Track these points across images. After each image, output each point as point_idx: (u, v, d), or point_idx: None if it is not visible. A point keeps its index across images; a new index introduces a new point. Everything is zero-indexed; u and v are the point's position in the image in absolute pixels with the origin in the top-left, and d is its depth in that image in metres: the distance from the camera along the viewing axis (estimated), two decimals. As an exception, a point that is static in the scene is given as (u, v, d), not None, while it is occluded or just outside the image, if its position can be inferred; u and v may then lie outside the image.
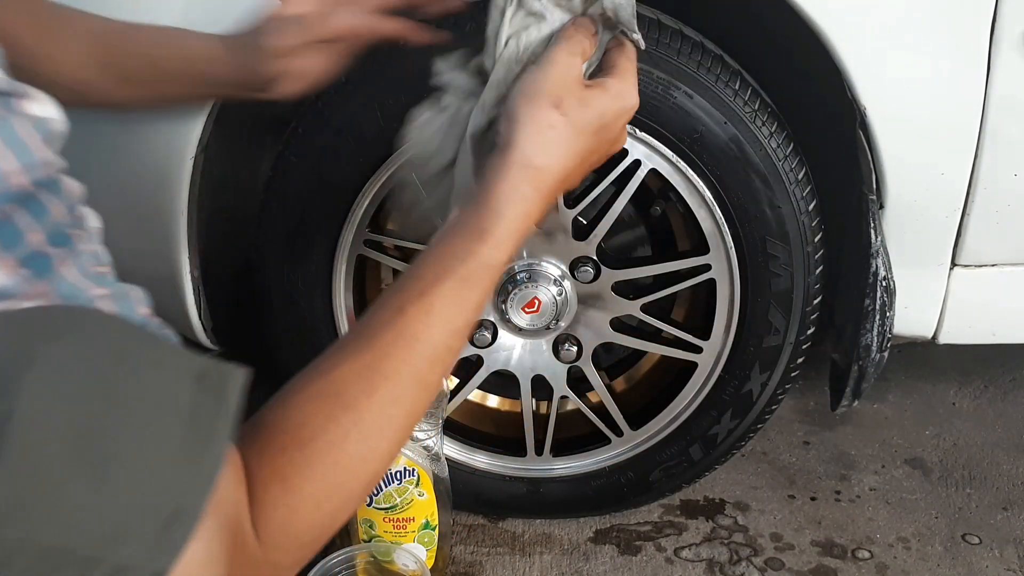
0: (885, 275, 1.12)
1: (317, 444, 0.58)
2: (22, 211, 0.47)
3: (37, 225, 0.48)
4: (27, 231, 0.47)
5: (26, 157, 0.47)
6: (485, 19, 0.77)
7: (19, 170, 0.47)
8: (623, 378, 1.39)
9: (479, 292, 0.67)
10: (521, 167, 0.69)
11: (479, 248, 0.67)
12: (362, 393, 0.61)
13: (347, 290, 1.21)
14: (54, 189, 0.50)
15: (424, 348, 0.63)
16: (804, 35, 1.04)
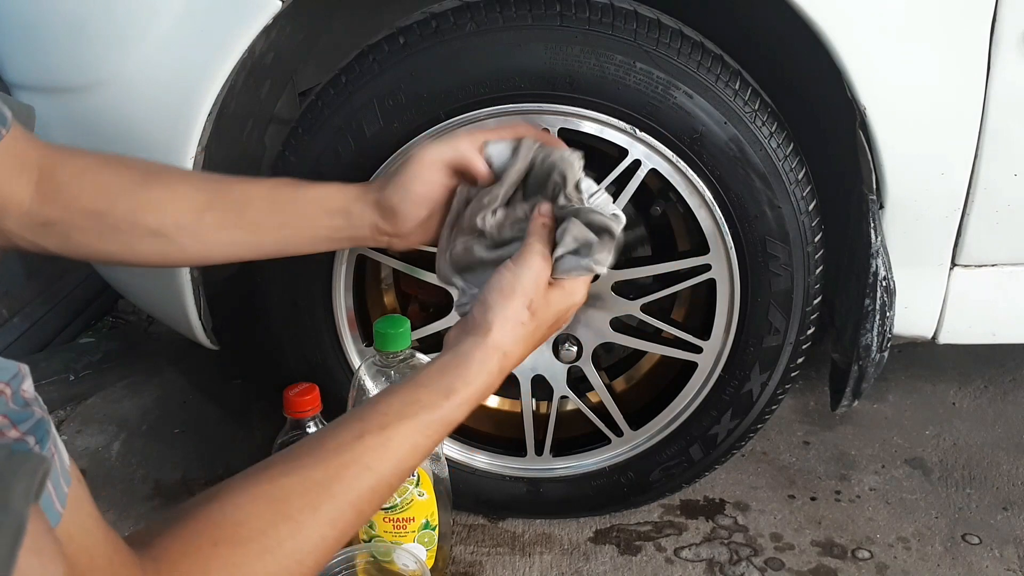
0: (885, 275, 1.12)
1: (251, 547, 0.57)
2: None
3: None
4: None
5: None
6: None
7: None
8: (623, 378, 1.39)
9: (432, 442, 0.74)
10: (494, 349, 0.80)
11: (444, 404, 0.76)
12: (307, 507, 0.61)
13: (347, 290, 1.21)
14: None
15: (372, 479, 0.67)
16: (804, 35, 1.04)
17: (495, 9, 1.06)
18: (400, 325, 1.08)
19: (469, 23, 1.07)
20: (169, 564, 0.54)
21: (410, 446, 0.71)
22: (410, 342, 1.10)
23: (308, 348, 1.24)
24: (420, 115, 1.09)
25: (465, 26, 1.07)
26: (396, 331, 1.08)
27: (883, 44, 1.04)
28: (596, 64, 1.06)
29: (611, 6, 1.07)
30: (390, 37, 1.09)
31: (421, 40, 1.07)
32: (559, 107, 1.08)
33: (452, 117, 1.09)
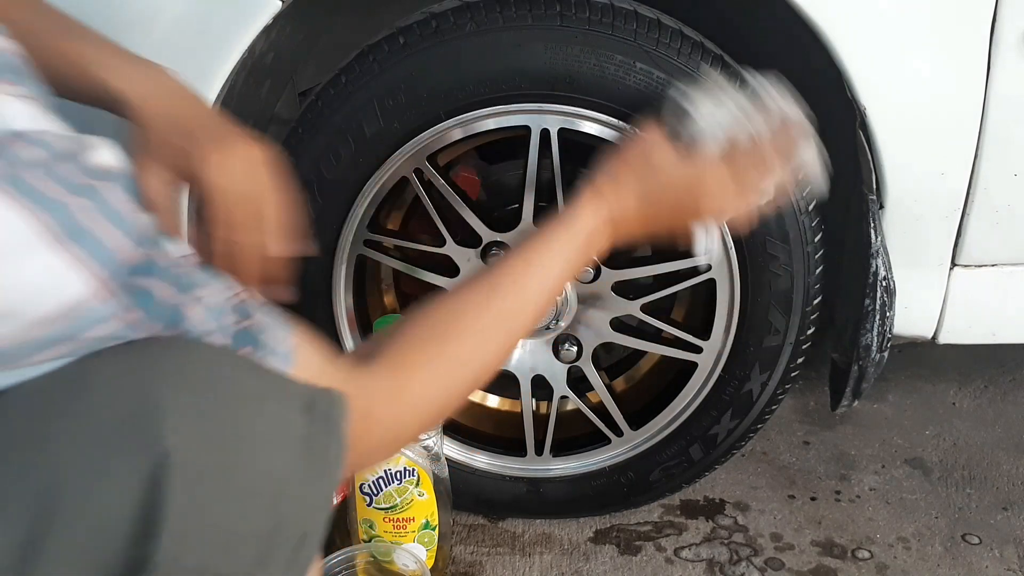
0: (885, 275, 1.12)
1: (449, 333, 0.73)
2: (145, 276, 0.50)
3: (159, 280, 0.51)
4: (153, 291, 0.51)
5: (127, 226, 0.49)
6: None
7: (128, 245, 0.49)
8: (623, 378, 1.39)
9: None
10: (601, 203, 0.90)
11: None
12: (481, 305, 0.77)
13: (347, 290, 1.21)
14: (155, 246, 0.52)
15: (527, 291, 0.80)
16: (804, 35, 1.04)
17: (495, 9, 1.06)
18: (400, 325, 1.08)
19: (469, 23, 1.07)
20: (394, 357, 0.69)
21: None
22: (410, 342, 1.10)
23: (308, 348, 1.23)
24: (420, 115, 1.09)
25: (465, 26, 1.07)
26: (396, 331, 1.08)
27: (883, 44, 1.04)
28: (596, 64, 1.06)
29: (611, 6, 1.07)
30: (390, 37, 1.09)
31: (421, 40, 1.07)
32: (559, 107, 1.08)
33: (452, 117, 1.09)
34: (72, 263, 0.46)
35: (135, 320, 0.50)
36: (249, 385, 0.53)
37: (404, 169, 1.13)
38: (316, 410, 0.55)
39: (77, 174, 0.47)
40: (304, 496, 0.53)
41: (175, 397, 0.49)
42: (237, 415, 0.51)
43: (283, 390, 0.55)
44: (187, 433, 0.48)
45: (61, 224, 0.45)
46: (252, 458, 0.51)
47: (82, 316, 0.48)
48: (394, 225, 1.28)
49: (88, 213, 0.47)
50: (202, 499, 0.48)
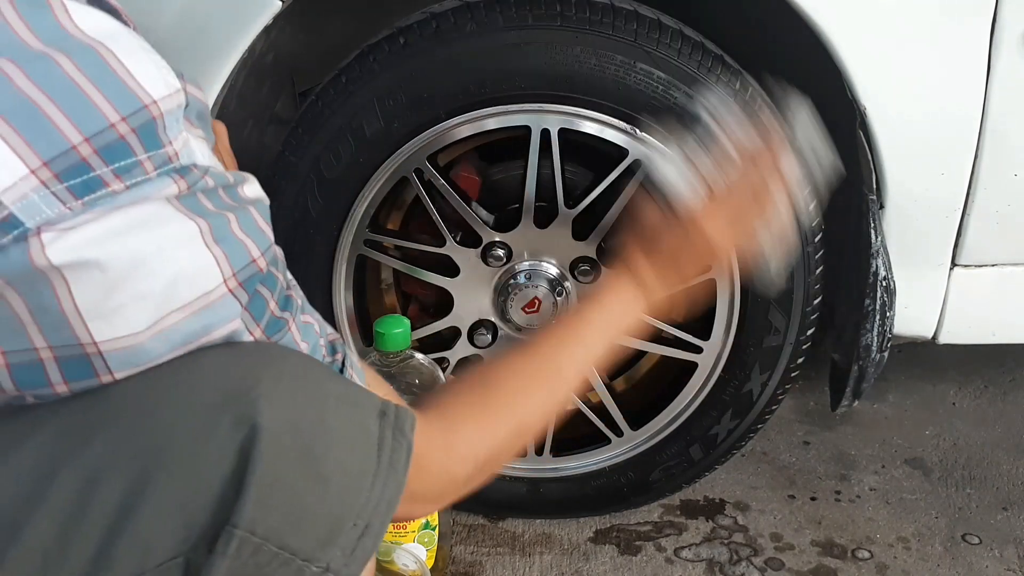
0: (885, 275, 1.12)
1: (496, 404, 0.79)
2: (264, 287, 0.59)
3: (273, 295, 0.60)
4: (268, 302, 0.59)
5: (263, 243, 0.58)
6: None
7: (260, 256, 0.58)
8: (623, 378, 1.39)
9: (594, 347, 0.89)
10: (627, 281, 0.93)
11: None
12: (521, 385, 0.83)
13: (347, 290, 1.21)
14: (276, 265, 0.61)
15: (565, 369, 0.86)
16: (804, 35, 1.04)
17: (495, 9, 1.06)
18: (400, 325, 1.08)
19: (469, 23, 1.07)
20: (445, 410, 0.75)
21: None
22: (410, 342, 1.10)
23: (308, 348, 1.23)
24: (420, 115, 1.09)
25: (465, 26, 1.07)
26: (396, 331, 1.08)
27: (883, 44, 1.04)
28: (596, 64, 1.06)
29: (611, 6, 1.07)
30: (390, 37, 1.09)
31: (421, 40, 1.07)
32: (559, 107, 1.08)
33: (452, 117, 1.09)
34: (215, 260, 0.54)
35: (247, 321, 0.58)
36: (333, 387, 0.60)
37: (404, 169, 1.13)
38: (388, 418, 0.61)
39: (232, 198, 0.57)
40: (372, 490, 0.58)
41: (271, 383, 0.55)
42: (322, 408, 0.57)
43: (361, 397, 0.62)
44: (278, 416, 0.54)
45: (213, 230, 0.54)
46: (330, 448, 0.56)
47: (212, 309, 0.55)
48: (394, 225, 1.28)
49: (234, 225, 0.56)
50: (283, 475, 0.54)
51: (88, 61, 0.50)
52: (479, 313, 1.23)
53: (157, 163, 0.52)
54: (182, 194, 0.53)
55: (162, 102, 0.52)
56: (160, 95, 0.52)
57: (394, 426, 0.61)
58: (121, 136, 0.50)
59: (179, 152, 0.53)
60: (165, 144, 0.52)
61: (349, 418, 0.59)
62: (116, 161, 0.50)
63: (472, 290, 1.21)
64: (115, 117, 0.50)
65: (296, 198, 1.14)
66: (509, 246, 1.18)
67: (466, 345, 1.25)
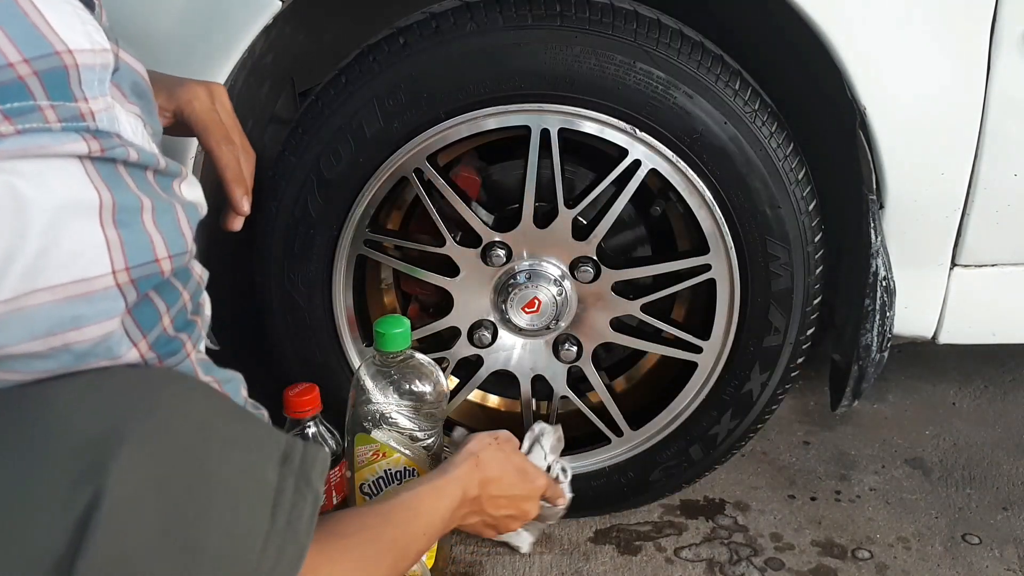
0: (885, 275, 1.12)
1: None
2: (159, 296, 0.51)
3: (168, 310, 0.52)
4: (162, 314, 0.51)
5: (177, 246, 0.51)
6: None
7: (167, 258, 0.50)
8: (623, 378, 1.39)
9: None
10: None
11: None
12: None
13: (347, 290, 1.21)
14: (184, 277, 0.53)
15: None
16: (804, 35, 1.04)
17: (495, 9, 1.06)
18: (399, 325, 1.08)
19: (469, 23, 1.07)
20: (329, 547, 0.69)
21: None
22: (410, 342, 1.10)
23: (308, 348, 1.24)
24: (420, 115, 1.09)
25: (465, 26, 1.07)
26: (395, 331, 1.08)
27: (883, 44, 1.04)
28: (596, 64, 1.06)
29: (611, 6, 1.07)
30: (390, 37, 1.09)
31: (421, 40, 1.07)
32: (559, 107, 1.08)
33: (452, 117, 1.09)
34: (108, 245, 0.47)
35: (128, 327, 0.50)
36: (222, 430, 0.50)
37: (404, 169, 1.13)
38: (291, 463, 0.52)
39: (160, 186, 0.50)
40: (262, 558, 0.48)
41: (135, 426, 0.46)
42: (202, 455, 0.48)
43: (260, 439, 0.52)
44: (133, 473, 0.45)
45: (120, 210, 0.47)
46: (208, 507, 0.47)
47: (89, 300, 0.48)
48: (394, 225, 1.28)
49: (148, 215, 0.49)
50: (132, 554, 0.44)
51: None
52: (479, 313, 1.23)
53: (63, 115, 0.47)
54: (92, 154, 0.47)
55: (79, 55, 0.47)
56: (78, 47, 0.47)
57: (298, 473, 0.52)
58: (20, 77, 0.46)
59: (96, 113, 0.48)
60: (78, 99, 0.47)
61: (237, 467, 0.49)
62: (8, 102, 0.45)
63: (472, 290, 1.21)
64: (15, 57, 0.46)
65: (296, 198, 1.15)
66: (509, 246, 1.18)
67: (466, 345, 1.25)
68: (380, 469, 1.12)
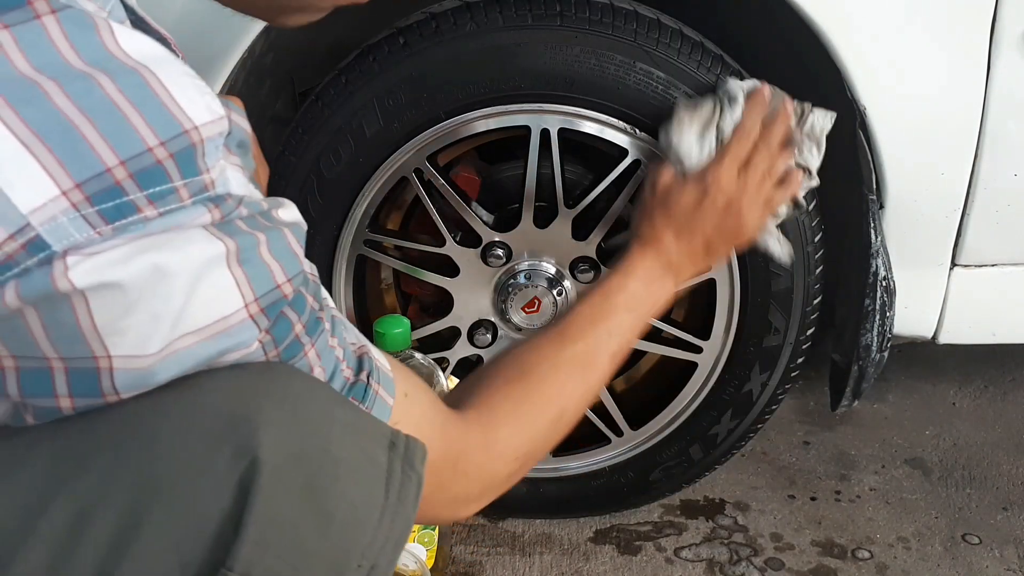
0: (885, 275, 1.12)
1: (532, 378, 0.81)
2: (291, 309, 0.56)
3: (300, 318, 0.58)
4: (294, 325, 0.57)
5: (293, 268, 0.56)
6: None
7: (287, 282, 0.55)
8: (623, 378, 1.39)
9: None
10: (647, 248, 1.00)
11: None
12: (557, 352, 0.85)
13: (347, 290, 1.21)
14: (307, 284, 0.59)
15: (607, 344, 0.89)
16: (804, 35, 1.04)
17: (495, 9, 1.06)
18: (399, 325, 1.08)
19: (469, 23, 1.07)
20: (482, 406, 0.76)
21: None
22: (410, 342, 1.10)
23: (308, 348, 1.23)
24: (420, 115, 1.09)
25: (465, 26, 1.07)
26: (395, 331, 1.08)
27: (883, 44, 1.04)
28: (596, 64, 1.06)
29: (611, 6, 1.07)
30: (390, 37, 1.09)
31: (421, 40, 1.07)
32: (559, 107, 1.08)
33: (452, 117, 1.09)
34: (237, 283, 0.52)
35: (266, 342, 0.55)
36: (340, 414, 0.56)
37: (404, 169, 1.13)
38: (397, 449, 0.58)
39: (266, 221, 0.55)
40: (379, 527, 0.55)
41: (271, 411, 0.52)
42: (327, 437, 0.54)
43: (370, 425, 0.58)
44: (280, 446, 0.51)
45: (240, 251, 0.52)
46: (335, 480, 0.53)
47: (229, 335, 0.53)
48: (394, 225, 1.28)
49: (263, 248, 0.53)
50: (284, 512, 0.50)
51: (130, 83, 0.48)
52: (479, 313, 1.23)
53: (193, 190, 0.50)
54: (215, 222, 0.51)
55: (203, 128, 0.50)
56: (202, 121, 0.50)
57: (404, 458, 0.58)
58: (158, 161, 0.48)
59: (215, 180, 0.51)
60: (203, 171, 0.50)
61: (356, 448, 0.55)
62: (151, 187, 0.48)
63: (472, 290, 1.21)
64: (154, 141, 0.48)
65: (296, 198, 1.14)
66: (509, 246, 1.18)
67: (466, 345, 1.25)
68: (380, 469, 1.12)
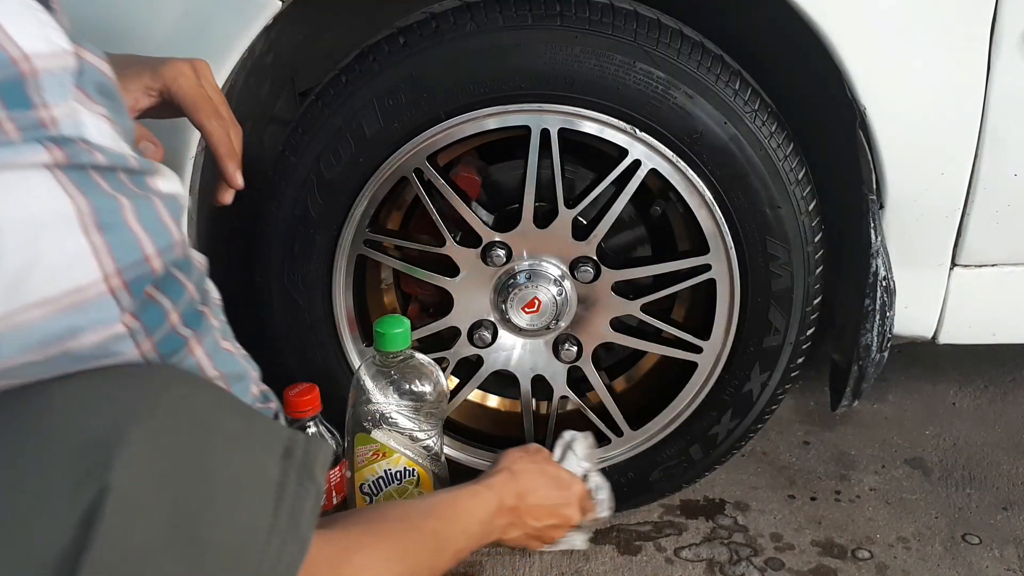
0: (885, 275, 1.12)
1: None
2: (162, 293, 0.49)
3: (175, 306, 0.51)
4: (168, 311, 0.50)
5: (163, 240, 0.50)
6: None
7: (156, 254, 0.49)
8: (623, 378, 1.39)
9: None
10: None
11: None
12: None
13: (347, 290, 1.21)
14: (186, 268, 0.52)
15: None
16: (804, 35, 1.04)
17: (495, 9, 1.06)
18: (399, 325, 1.08)
19: (469, 23, 1.07)
20: (343, 530, 0.70)
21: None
22: (410, 342, 1.10)
23: (308, 348, 1.24)
24: (420, 115, 1.09)
25: (465, 26, 1.07)
26: (395, 331, 1.08)
27: (883, 44, 1.04)
28: (596, 64, 1.06)
29: (611, 6, 1.07)
30: (390, 37, 1.09)
31: (421, 40, 1.07)
32: (559, 107, 1.08)
33: (452, 117, 1.09)
34: (93, 251, 0.46)
35: (134, 329, 0.49)
36: (226, 423, 0.50)
37: (404, 169, 1.13)
38: (294, 457, 0.52)
39: (136, 185, 0.49)
40: (266, 550, 0.49)
41: (139, 425, 0.46)
42: (203, 452, 0.48)
43: (262, 435, 0.52)
44: (137, 470, 0.45)
45: (97, 214, 0.46)
46: (210, 503, 0.47)
47: (82, 310, 0.47)
48: (394, 225, 1.28)
49: (129, 213, 0.48)
50: (138, 548, 0.44)
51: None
52: (479, 313, 1.23)
53: (22, 125, 0.45)
54: (59, 164, 0.46)
55: (37, 59, 0.45)
56: (35, 51, 0.45)
57: (300, 467, 0.52)
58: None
59: (58, 119, 0.46)
60: (37, 106, 0.45)
61: (242, 461, 0.49)
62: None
63: (472, 290, 1.21)
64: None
65: (296, 198, 1.15)
66: (509, 246, 1.18)
67: (466, 345, 1.25)
68: (380, 469, 1.12)
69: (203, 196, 1.12)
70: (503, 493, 1.00)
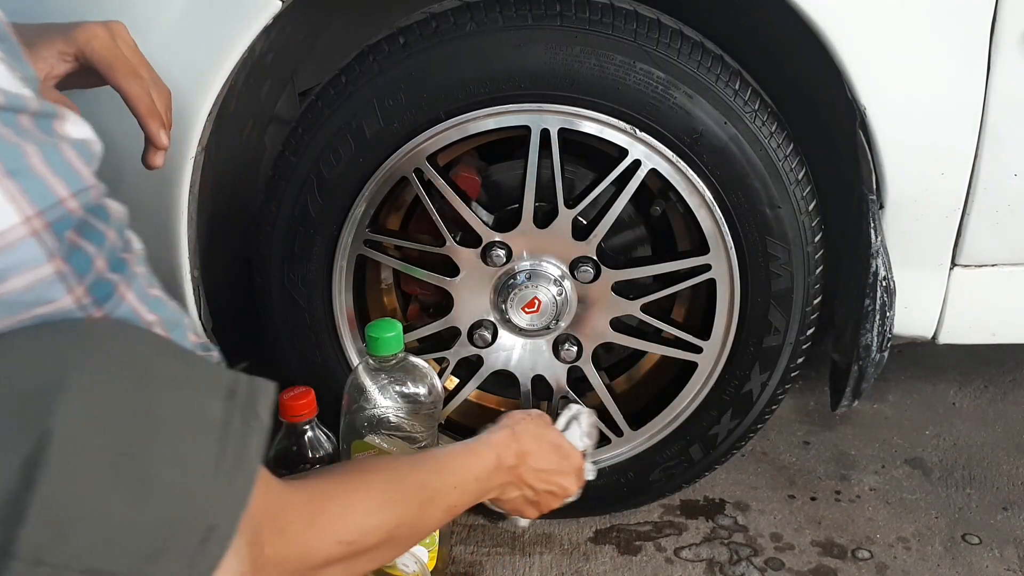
0: (885, 275, 1.12)
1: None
2: (83, 238, 0.50)
3: (99, 251, 0.51)
4: (94, 257, 0.50)
5: (76, 184, 0.49)
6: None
7: (71, 196, 0.49)
8: (623, 378, 1.39)
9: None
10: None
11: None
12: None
13: (347, 290, 1.21)
14: (102, 214, 0.52)
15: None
16: (804, 35, 1.04)
17: (495, 9, 1.06)
18: (391, 329, 1.07)
19: (469, 23, 1.07)
20: (315, 481, 0.71)
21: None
22: (403, 345, 1.09)
23: (308, 348, 1.24)
24: (420, 115, 1.09)
25: (465, 26, 1.07)
26: (388, 335, 1.07)
27: (883, 44, 1.04)
28: (596, 64, 1.06)
29: (611, 6, 1.07)
30: (390, 37, 1.09)
31: (421, 40, 1.07)
32: (559, 107, 1.08)
33: (452, 117, 1.09)
34: (8, 196, 0.46)
35: (64, 272, 0.49)
36: (166, 367, 0.51)
37: (404, 169, 1.13)
38: (237, 397, 0.53)
39: (36, 129, 0.48)
40: (213, 486, 0.49)
41: (74, 377, 0.46)
42: (146, 395, 0.48)
43: (205, 376, 0.53)
44: (79, 415, 0.45)
45: (5, 159, 0.46)
46: (154, 443, 0.48)
47: (6, 251, 0.47)
48: (394, 225, 1.28)
49: (35, 159, 0.47)
50: (83, 489, 0.45)
51: None
52: (479, 313, 1.23)
53: None
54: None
55: None
56: None
57: (244, 406, 0.52)
58: None
59: None
60: None
61: (184, 403, 0.50)
62: None
63: (472, 290, 1.21)
64: None
65: (296, 198, 1.15)
66: (509, 246, 1.18)
67: (466, 345, 1.25)
68: (380, 469, 1.11)
69: (203, 196, 1.12)
70: (503, 452, 0.98)
